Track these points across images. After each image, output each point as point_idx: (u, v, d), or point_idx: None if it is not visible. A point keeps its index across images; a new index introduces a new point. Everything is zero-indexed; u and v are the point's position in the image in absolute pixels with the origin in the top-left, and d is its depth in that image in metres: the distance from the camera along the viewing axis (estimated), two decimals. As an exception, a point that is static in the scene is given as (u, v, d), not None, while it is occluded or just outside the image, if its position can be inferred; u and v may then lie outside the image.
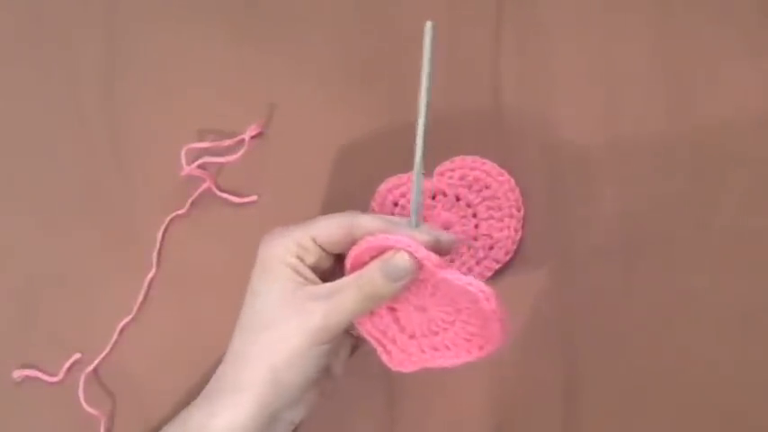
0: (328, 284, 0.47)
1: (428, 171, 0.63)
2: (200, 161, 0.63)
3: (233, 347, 0.48)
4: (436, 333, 0.49)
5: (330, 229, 0.48)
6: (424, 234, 0.47)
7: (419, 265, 0.46)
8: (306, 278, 0.48)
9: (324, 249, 0.48)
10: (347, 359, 0.52)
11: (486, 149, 0.62)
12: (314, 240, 0.48)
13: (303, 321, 0.46)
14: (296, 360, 0.46)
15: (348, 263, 0.48)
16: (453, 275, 0.45)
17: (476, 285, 0.45)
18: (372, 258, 0.47)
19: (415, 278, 0.47)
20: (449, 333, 0.48)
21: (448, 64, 0.64)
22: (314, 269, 0.48)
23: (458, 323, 0.48)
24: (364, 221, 0.47)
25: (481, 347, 0.48)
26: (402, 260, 0.46)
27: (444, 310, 0.48)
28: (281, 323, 0.46)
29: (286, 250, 0.47)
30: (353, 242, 0.48)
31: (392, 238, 0.46)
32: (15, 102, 0.66)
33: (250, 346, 0.47)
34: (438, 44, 0.45)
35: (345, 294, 0.47)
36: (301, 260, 0.48)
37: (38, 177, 0.65)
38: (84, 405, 0.62)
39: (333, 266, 0.50)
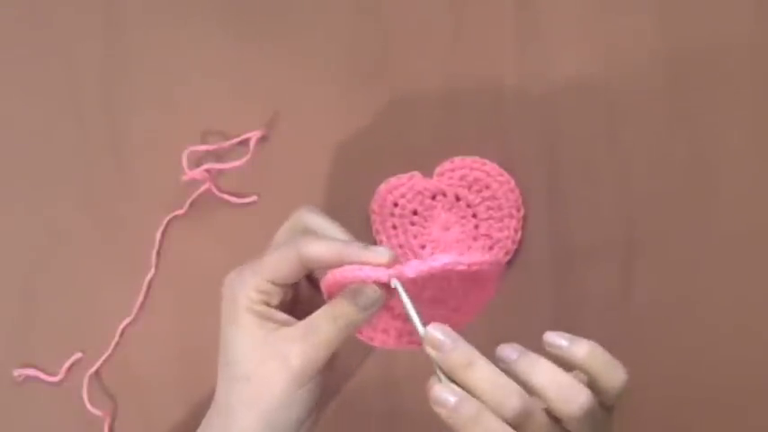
0: (301, 324, 0.46)
1: (428, 171, 0.63)
2: (204, 167, 0.63)
3: (218, 398, 0.47)
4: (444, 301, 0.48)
5: (283, 268, 0.46)
6: (380, 253, 0.45)
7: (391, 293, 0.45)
8: (276, 321, 0.46)
9: (285, 285, 0.47)
10: (338, 392, 0.51)
11: (486, 149, 0.62)
12: (273, 282, 0.47)
13: (282, 365, 0.45)
14: (284, 403, 0.45)
15: (324, 291, 0.47)
16: (425, 265, 0.43)
17: (453, 262, 0.43)
18: (344, 286, 0.46)
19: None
20: (457, 297, 0.47)
21: (448, 63, 0.64)
22: (282, 302, 0.47)
23: (451, 296, 0.47)
24: (312, 249, 0.46)
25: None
26: (372, 291, 0.45)
27: (434, 295, 0.47)
28: (262, 371, 0.45)
29: (250, 300, 0.46)
30: (309, 269, 0.47)
31: (361, 272, 0.44)
32: (15, 102, 0.66)
33: (236, 396, 0.46)
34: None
35: (320, 330, 0.46)
36: (267, 304, 0.47)
37: (38, 177, 0.65)
38: (88, 406, 0.62)
39: (299, 289, 0.49)
